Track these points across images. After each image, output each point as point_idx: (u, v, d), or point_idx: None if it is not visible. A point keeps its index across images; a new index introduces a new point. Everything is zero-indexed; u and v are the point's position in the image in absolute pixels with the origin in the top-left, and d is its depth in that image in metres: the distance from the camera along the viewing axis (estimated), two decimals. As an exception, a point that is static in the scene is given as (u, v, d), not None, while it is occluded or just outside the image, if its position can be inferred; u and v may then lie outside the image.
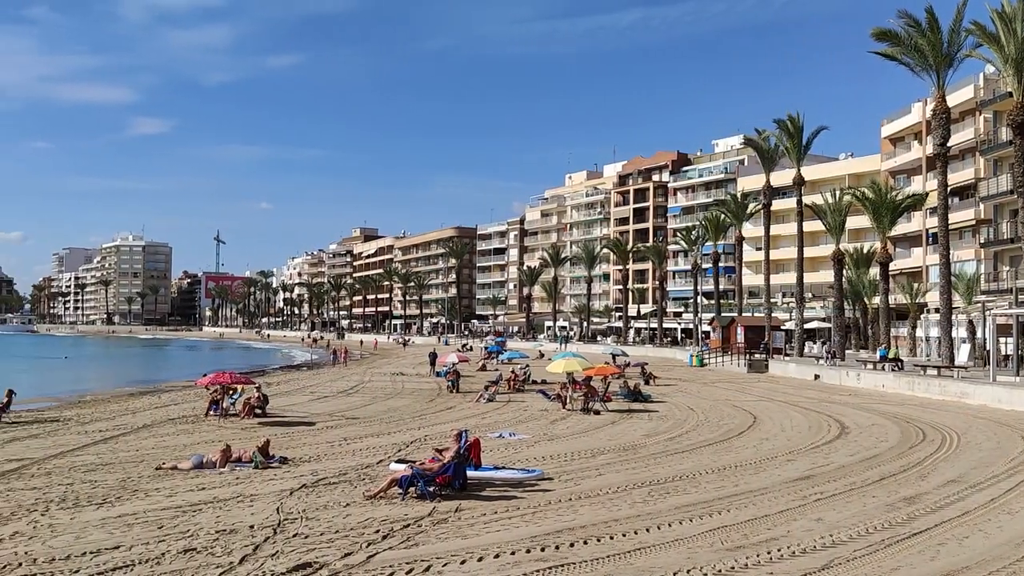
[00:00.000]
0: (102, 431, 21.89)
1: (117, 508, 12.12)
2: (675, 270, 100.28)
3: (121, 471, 15.46)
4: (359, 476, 14.84)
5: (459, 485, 13.22)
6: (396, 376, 45.25)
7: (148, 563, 9.20)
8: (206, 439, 20.19)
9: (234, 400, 26.03)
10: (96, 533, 10.59)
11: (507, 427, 22.64)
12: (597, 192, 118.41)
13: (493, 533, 10.76)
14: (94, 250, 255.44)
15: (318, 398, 32.41)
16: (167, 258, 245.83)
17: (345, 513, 11.81)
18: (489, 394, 30.82)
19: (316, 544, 10.06)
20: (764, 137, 60.87)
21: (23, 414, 25.86)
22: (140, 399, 32.96)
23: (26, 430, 22.01)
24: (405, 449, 18.39)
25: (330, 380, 43.08)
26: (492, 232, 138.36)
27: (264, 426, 22.82)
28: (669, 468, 16.10)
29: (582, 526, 11.16)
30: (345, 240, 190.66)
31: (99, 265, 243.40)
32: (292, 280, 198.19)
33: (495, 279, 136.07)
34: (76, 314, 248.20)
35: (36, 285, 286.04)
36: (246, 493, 13.24)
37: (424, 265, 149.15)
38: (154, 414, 26.38)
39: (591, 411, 26.22)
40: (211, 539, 10.27)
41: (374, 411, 27.40)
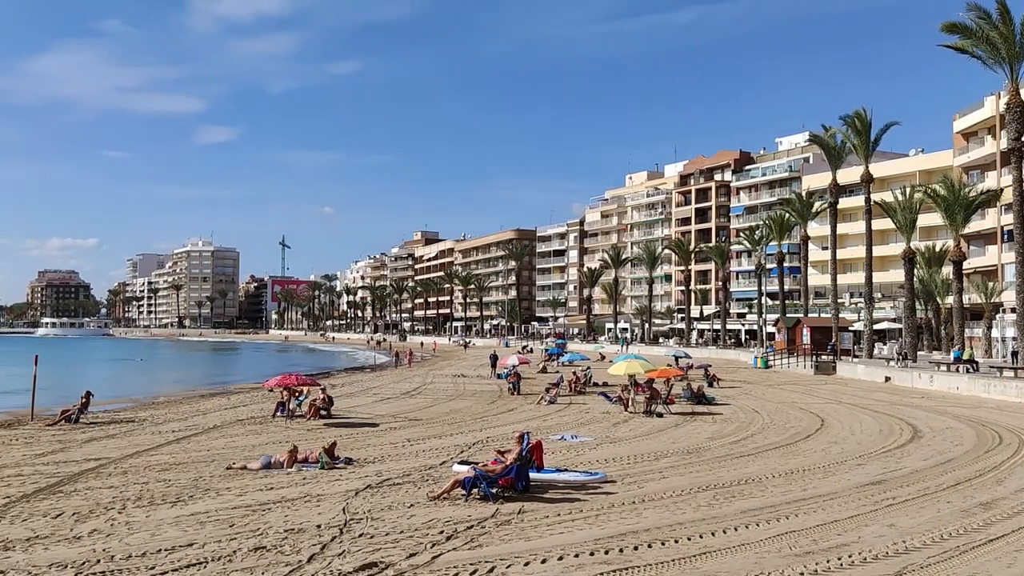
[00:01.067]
0: (175, 431, 22.54)
1: (190, 506, 12.46)
2: (738, 270, 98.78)
3: (193, 470, 15.89)
4: (422, 477, 14.98)
5: (522, 487, 13.24)
6: (457, 378, 45.54)
7: (220, 560, 9.44)
8: (273, 440, 20.62)
9: (300, 402, 26.53)
10: (170, 531, 10.91)
11: (569, 429, 22.59)
12: (658, 192, 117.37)
13: (556, 535, 10.75)
14: (166, 256, 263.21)
15: (381, 400, 32.81)
16: (235, 263, 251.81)
17: (409, 514, 11.93)
18: (550, 396, 30.79)
19: (381, 544, 10.19)
20: (830, 134, 59.50)
21: (100, 415, 26.77)
22: (210, 400, 33.83)
23: (103, 430, 22.78)
24: (467, 451, 18.50)
25: (393, 382, 43.56)
26: (552, 234, 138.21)
27: (329, 427, 23.20)
28: (734, 471, 15.86)
29: (646, 529, 11.07)
30: (407, 243, 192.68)
31: (170, 270, 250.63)
32: (355, 283, 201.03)
33: (555, 281, 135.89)
34: (149, 318, 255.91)
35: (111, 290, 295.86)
36: (313, 493, 13.47)
37: (484, 267, 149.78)
38: (224, 415, 27.04)
39: (654, 414, 26.00)
40: (280, 538, 10.49)
41: (436, 413, 27.63)
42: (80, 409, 24.84)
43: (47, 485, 14.21)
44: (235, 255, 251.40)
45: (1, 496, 13.20)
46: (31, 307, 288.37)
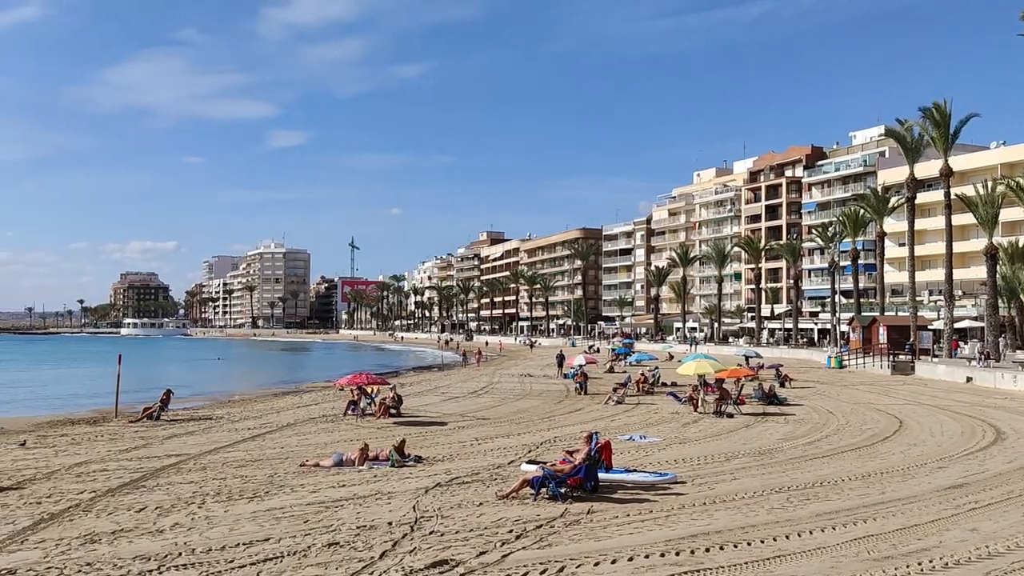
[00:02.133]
0: (250, 429, 23.13)
1: (266, 502, 12.77)
2: (810, 268, 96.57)
3: (268, 467, 16.28)
4: (491, 476, 15.05)
5: (591, 487, 13.20)
6: (524, 378, 45.62)
7: (296, 555, 9.65)
8: (345, 438, 20.97)
9: (371, 400, 26.93)
10: (248, 525, 11.20)
11: (637, 430, 22.43)
12: (727, 189, 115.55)
13: (626, 536, 10.68)
14: (240, 257, 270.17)
15: (449, 399, 33.09)
16: (306, 264, 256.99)
17: (479, 512, 12.00)
18: (618, 396, 30.60)
19: (452, 542, 10.28)
20: (907, 127, 57.67)
21: (180, 412, 27.64)
22: (283, 399, 34.61)
23: (183, 427, 23.52)
24: (535, 450, 18.52)
25: (460, 381, 43.88)
26: (618, 232, 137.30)
27: (399, 426, 23.51)
28: (809, 473, 15.52)
29: (718, 531, 10.92)
30: (473, 244, 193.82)
31: (244, 272, 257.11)
32: (422, 284, 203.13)
33: (622, 280, 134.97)
34: (224, 318, 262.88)
35: (189, 291, 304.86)
36: (384, 491, 13.67)
37: (550, 267, 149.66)
38: (296, 413, 27.63)
39: (724, 414, 25.62)
40: (353, 534, 10.67)
41: (504, 412, 27.73)
42: (161, 407, 25.69)
43: (131, 480, 14.74)
44: (306, 256, 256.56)
45: (88, 490, 13.74)
46: (114, 308, 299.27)
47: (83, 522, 11.40)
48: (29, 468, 16.16)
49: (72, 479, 14.92)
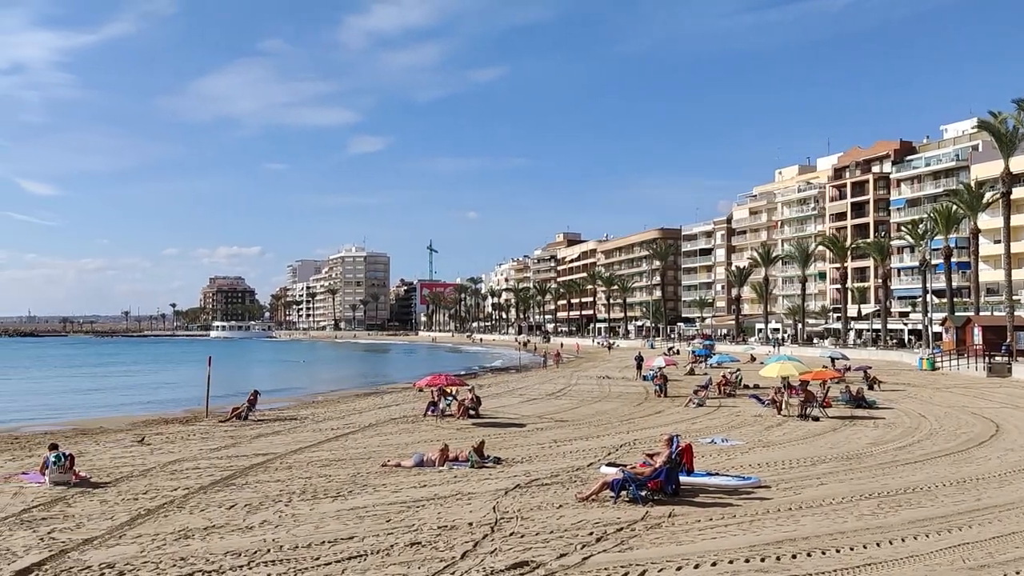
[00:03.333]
0: (333, 429, 23.63)
1: (350, 501, 13.03)
2: (899, 267, 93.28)
3: (351, 467, 16.60)
4: (570, 478, 15.02)
5: (672, 490, 13.04)
6: (602, 380, 45.37)
7: (379, 554, 9.82)
8: (425, 438, 21.23)
9: (450, 402, 27.19)
10: (332, 524, 11.44)
11: (719, 432, 22.06)
12: (810, 187, 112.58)
13: (709, 540, 10.52)
14: (322, 261, 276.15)
15: (527, 400, 33.15)
16: (386, 267, 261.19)
17: (558, 514, 11.99)
18: (699, 399, 30.15)
19: (532, 543, 10.29)
20: (1001, 120, 55.13)
21: (266, 413, 28.43)
22: (365, 400, 35.25)
23: (270, 427, 24.19)
24: (615, 452, 18.40)
25: (538, 383, 43.91)
26: (697, 232, 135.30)
27: (477, 427, 23.67)
28: (900, 479, 15.00)
29: (804, 537, 10.64)
30: (549, 245, 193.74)
31: (326, 275, 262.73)
32: (499, 286, 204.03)
33: (701, 280, 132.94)
34: (308, 321, 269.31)
35: (274, 295, 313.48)
36: (464, 491, 13.78)
37: (627, 268, 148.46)
38: (378, 414, 28.11)
39: (809, 417, 24.97)
40: (434, 534, 10.79)
41: (582, 414, 27.64)
42: (248, 407, 26.48)
43: (221, 478, 15.23)
44: (386, 260, 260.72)
45: (181, 487, 14.25)
46: (204, 311, 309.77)
47: (177, 518, 11.83)
48: (127, 466, 16.86)
49: (166, 476, 15.51)
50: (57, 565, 9.35)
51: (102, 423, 27.60)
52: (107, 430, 24.74)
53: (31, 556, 9.70)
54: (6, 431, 25.48)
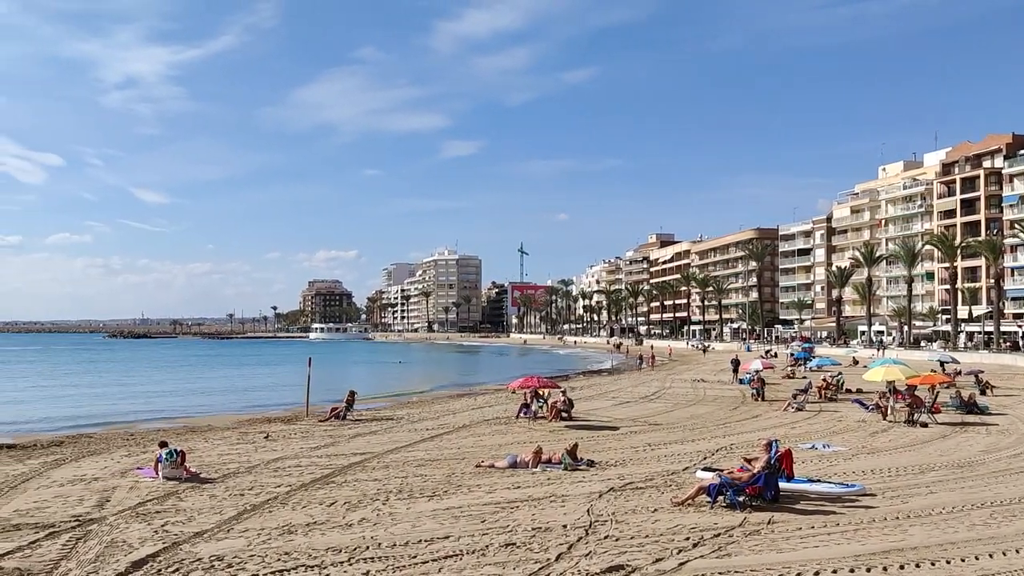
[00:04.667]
0: (428, 429, 24.00)
1: (445, 501, 13.20)
2: (1013, 266, 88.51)
3: (446, 467, 16.82)
4: (665, 482, 14.84)
5: (771, 496, 12.73)
6: (697, 383, 44.63)
7: (474, 554, 9.92)
8: (518, 440, 21.33)
9: (542, 404, 27.23)
10: (428, 523, 11.62)
11: (820, 438, 21.39)
12: (916, 184, 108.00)
13: (811, 549, 10.21)
14: (416, 265, 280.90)
15: (620, 403, 32.90)
16: (477, 270, 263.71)
17: (653, 518, 11.86)
18: (798, 403, 29.32)
19: (627, 547, 10.21)
20: None
21: (364, 413, 29.11)
22: (458, 401, 35.66)
23: (367, 427, 24.74)
24: (711, 457, 18.08)
25: (631, 386, 43.53)
26: (796, 232, 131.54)
27: (570, 429, 23.63)
28: (1014, 488, 14.24)
29: (912, 547, 10.22)
30: (641, 247, 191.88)
31: (420, 278, 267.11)
32: (591, 287, 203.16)
33: (800, 281, 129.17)
34: (402, 323, 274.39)
35: (370, 297, 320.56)
36: (557, 493, 13.78)
37: (723, 269, 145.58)
38: (471, 415, 28.39)
39: (916, 423, 23.96)
40: (529, 535, 10.83)
41: (676, 417, 27.26)
42: (347, 407, 27.16)
43: (321, 476, 15.67)
44: (477, 262, 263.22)
45: (284, 484, 14.73)
46: (303, 313, 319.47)
47: (280, 514, 12.23)
48: (233, 462, 17.54)
49: (270, 473, 16.05)
50: (170, 557, 9.80)
51: (210, 421, 28.79)
52: (215, 428, 25.80)
53: (146, 548, 10.20)
54: (122, 428, 26.88)
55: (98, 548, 10.18)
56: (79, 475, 15.89)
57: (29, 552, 10.01)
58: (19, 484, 14.88)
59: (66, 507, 12.79)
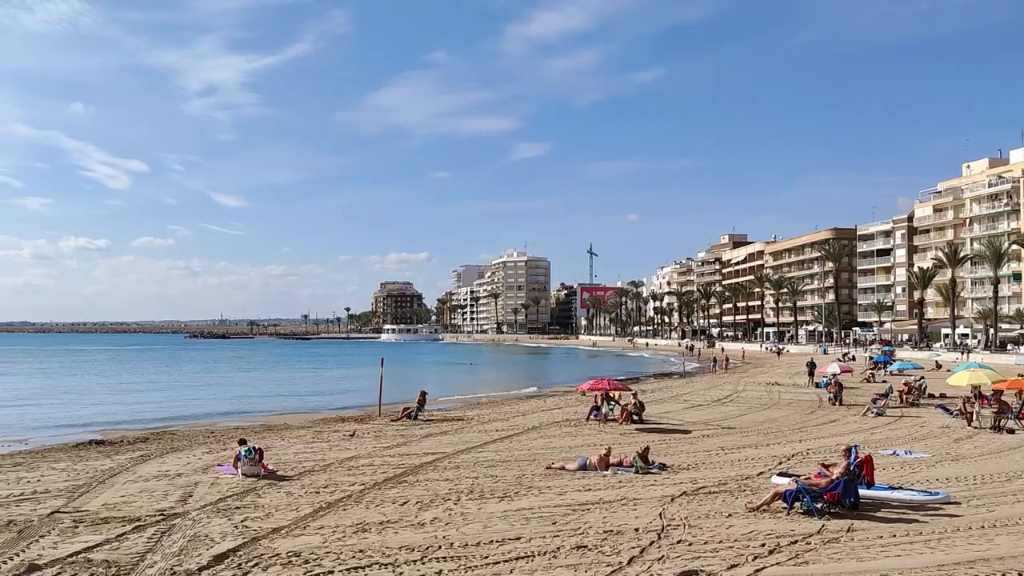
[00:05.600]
0: (498, 430, 24.09)
1: (516, 502, 13.23)
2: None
3: (516, 468, 16.86)
4: (739, 487, 14.58)
5: (850, 503, 12.38)
6: (771, 386, 43.74)
7: (546, 555, 9.91)
8: (588, 442, 21.24)
9: (613, 406, 27.07)
10: (500, 523, 11.66)
11: (901, 444, 20.74)
12: (1003, 181, 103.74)
13: (892, 558, 9.90)
14: (485, 266, 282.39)
15: (692, 406, 32.47)
16: (546, 271, 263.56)
17: (728, 523, 11.66)
18: (878, 408, 28.49)
19: (700, 552, 10.06)
20: None
21: (434, 413, 29.41)
22: (528, 402, 35.71)
23: (438, 427, 24.98)
24: (786, 462, 17.70)
25: (703, 389, 42.93)
26: (874, 232, 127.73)
27: (641, 432, 23.44)
28: (1113, 501, 13.54)
29: (999, 557, 9.82)
30: (713, 247, 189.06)
31: (489, 279, 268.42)
32: (661, 289, 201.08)
33: (879, 283, 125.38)
34: (472, 324, 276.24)
35: (440, 299, 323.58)
36: (629, 496, 13.67)
37: (797, 270, 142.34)
38: (541, 417, 28.39)
39: (1003, 429, 23.02)
40: (600, 538, 10.77)
41: (750, 421, 26.77)
42: (418, 407, 27.47)
43: (394, 475, 15.88)
44: (546, 264, 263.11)
45: (358, 483, 14.98)
46: (375, 315, 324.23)
47: (355, 512, 12.44)
48: (308, 460, 17.91)
49: (344, 472, 16.34)
50: (249, 551, 10.06)
51: (286, 420, 29.48)
52: (291, 427, 26.41)
53: (227, 542, 10.49)
54: (203, 426, 27.74)
55: (182, 542, 10.51)
56: (163, 471, 16.46)
57: (116, 545, 10.39)
58: (107, 479, 15.49)
59: (151, 501, 13.26)
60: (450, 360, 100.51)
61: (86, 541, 10.53)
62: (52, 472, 16.41)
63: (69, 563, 9.51)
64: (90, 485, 14.80)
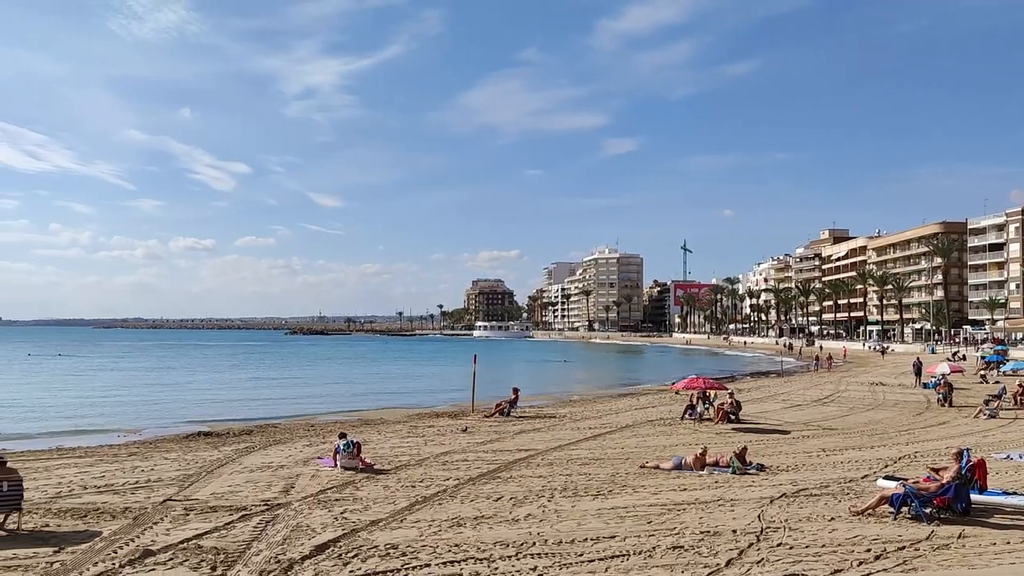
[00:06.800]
0: (591, 428, 24.00)
1: (609, 500, 13.15)
2: None
3: (610, 466, 16.76)
4: (842, 490, 14.11)
5: (961, 509, 11.83)
6: (875, 386, 42.17)
7: (641, 555, 9.81)
8: (682, 441, 20.94)
9: (708, 405, 26.61)
10: (594, 522, 11.61)
11: (1017, 447, 19.67)
12: None
13: (1007, 566, 9.42)
14: (576, 263, 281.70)
15: (791, 406, 31.61)
16: (638, 268, 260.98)
17: (830, 527, 11.30)
18: (991, 410, 27.12)
19: (802, 556, 9.77)
20: None
21: (527, 410, 29.52)
22: (621, 400, 35.44)
23: (530, 424, 25.07)
24: (892, 465, 17.03)
25: (802, 388, 41.74)
26: (986, 225, 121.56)
27: (737, 432, 22.96)
28: None
29: None
30: (812, 243, 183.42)
31: (581, 277, 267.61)
32: (758, 286, 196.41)
33: (991, 279, 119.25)
34: (563, 322, 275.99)
35: (531, 296, 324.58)
36: (726, 497, 13.41)
37: (903, 266, 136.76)
38: (634, 415, 28.14)
39: None
40: (696, 539, 10.59)
41: (853, 422, 25.89)
42: (510, 404, 27.63)
43: (487, 471, 16.01)
44: (639, 261, 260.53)
45: (452, 478, 15.16)
46: (467, 312, 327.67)
47: (450, 506, 12.60)
48: (404, 455, 18.25)
49: (439, 467, 16.58)
50: (349, 543, 10.31)
51: (382, 415, 30.11)
52: (387, 421, 26.97)
53: (327, 533, 10.78)
54: (303, 419, 28.60)
55: (285, 531, 10.86)
56: (266, 462, 17.04)
57: (224, 532, 10.82)
58: (215, 469, 16.14)
59: (256, 491, 13.75)
60: (541, 357, 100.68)
61: (196, 528, 11.00)
62: (164, 462, 17.22)
63: (181, 549, 9.95)
64: (199, 475, 15.46)
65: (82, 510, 12.15)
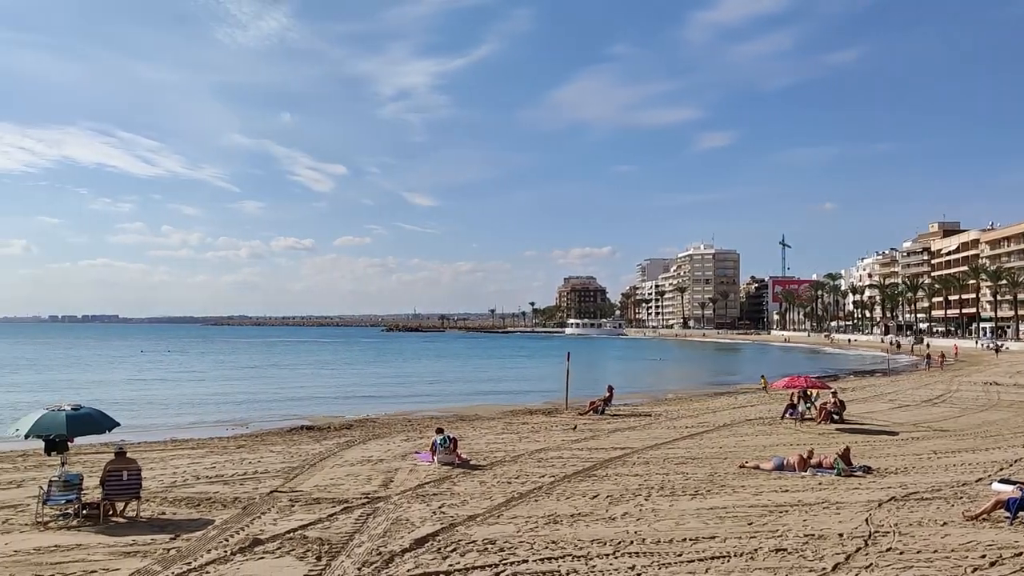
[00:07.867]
0: (688, 427, 23.65)
1: (708, 500, 12.93)
2: None
3: (708, 466, 16.47)
4: (955, 494, 13.48)
5: (1088, 517, 11.14)
6: (989, 386, 40.11)
7: (742, 556, 9.60)
8: (783, 442, 20.41)
9: (810, 405, 25.85)
10: (692, 521, 11.43)
11: None
12: None
13: None
14: (670, 260, 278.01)
15: (899, 406, 30.39)
16: (735, 264, 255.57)
17: (942, 532, 10.82)
18: (1120, 412, 25.44)
19: (913, 562, 9.39)
20: None
21: (621, 408, 29.32)
22: (718, 399, 34.78)
23: (625, 422, 24.88)
24: (1008, 468, 16.17)
25: (910, 388, 40.07)
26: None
27: (841, 432, 22.24)
28: None
29: None
30: (921, 237, 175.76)
31: (675, 273, 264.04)
32: (861, 282, 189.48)
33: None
34: (656, 319, 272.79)
35: (623, 293, 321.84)
36: (831, 500, 13.00)
37: (1018, 260, 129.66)
38: (732, 414, 27.58)
39: None
40: (800, 542, 10.30)
41: (965, 424, 24.70)
42: (605, 402, 27.49)
43: (583, 468, 15.97)
44: (735, 257, 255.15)
45: (548, 475, 15.19)
46: (559, 309, 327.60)
47: (546, 503, 12.62)
48: (500, 451, 18.39)
49: (534, 463, 16.63)
50: (448, 537, 10.46)
51: (477, 411, 30.42)
52: (481, 417, 27.24)
53: (426, 527, 10.97)
54: (401, 415, 29.16)
55: (385, 524, 11.11)
56: (366, 456, 17.46)
57: (328, 524, 11.14)
58: (317, 463, 16.64)
59: (356, 485, 14.10)
60: (635, 355, 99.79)
61: (301, 519, 11.36)
62: (270, 454, 17.86)
63: (287, 539, 10.30)
64: (303, 467, 15.96)
65: (195, 499, 12.72)
